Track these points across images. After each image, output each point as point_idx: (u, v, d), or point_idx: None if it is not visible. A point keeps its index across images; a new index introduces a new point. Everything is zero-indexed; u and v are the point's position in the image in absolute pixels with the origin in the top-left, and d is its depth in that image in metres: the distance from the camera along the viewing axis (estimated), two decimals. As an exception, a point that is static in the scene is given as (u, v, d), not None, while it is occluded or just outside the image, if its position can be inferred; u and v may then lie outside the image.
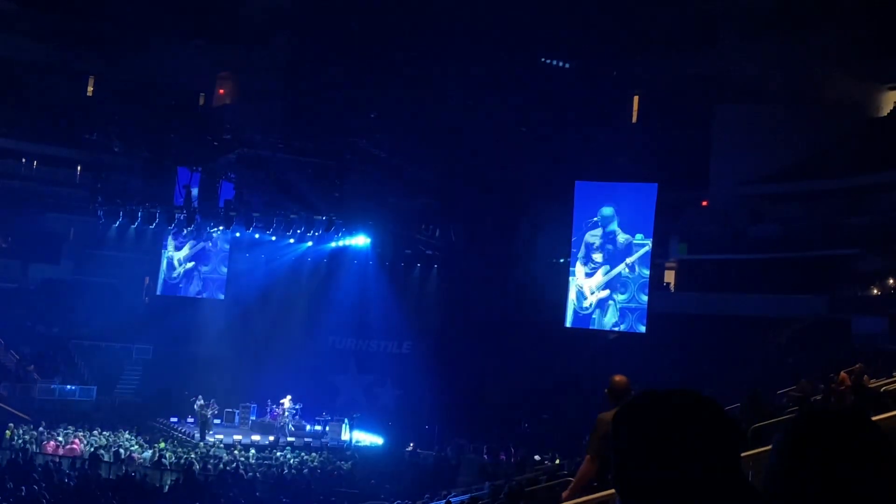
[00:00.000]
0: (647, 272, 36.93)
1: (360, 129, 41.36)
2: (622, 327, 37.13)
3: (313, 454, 30.84)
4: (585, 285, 37.91)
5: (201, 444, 31.68)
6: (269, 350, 38.25)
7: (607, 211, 37.73)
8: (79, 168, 44.94)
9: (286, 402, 34.50)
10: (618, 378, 6.72)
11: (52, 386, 37.60)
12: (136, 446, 29.95)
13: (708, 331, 35.45)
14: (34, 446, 28.94)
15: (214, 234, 40.27)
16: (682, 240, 39.72)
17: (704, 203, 40.24)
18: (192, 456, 28.60)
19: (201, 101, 47.75)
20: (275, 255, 41.80)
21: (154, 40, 41.70)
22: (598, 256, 37.63)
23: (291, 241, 39.14)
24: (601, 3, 40.61)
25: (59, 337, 40.60)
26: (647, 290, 36.79)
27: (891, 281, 34.21)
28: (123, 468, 26.33)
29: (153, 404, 36.97)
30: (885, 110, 39.83)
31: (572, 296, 37.97)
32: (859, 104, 39.31)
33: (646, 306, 36.58)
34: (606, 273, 37.42)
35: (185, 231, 37.65)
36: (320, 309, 40.08)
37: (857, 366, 18.08)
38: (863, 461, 1.65)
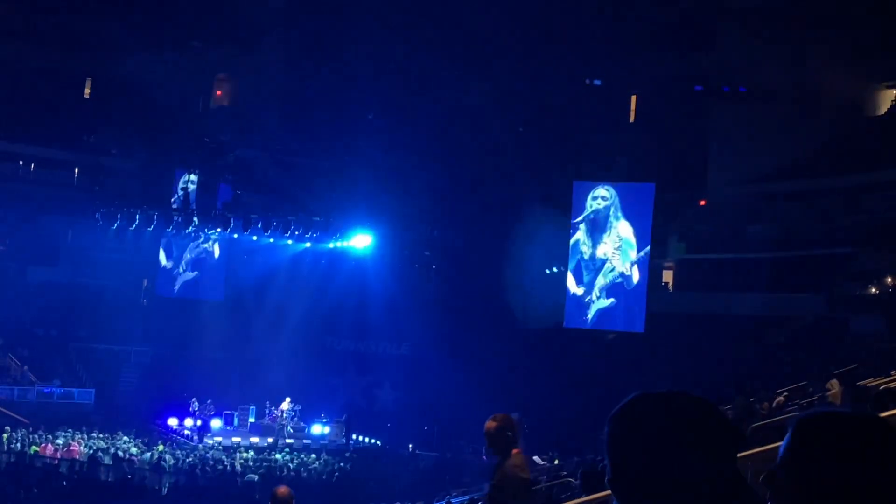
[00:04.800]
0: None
1: (358, 130, 41.40)
2: (606, 301, 36.90)
3: (312, 456, 30.85)
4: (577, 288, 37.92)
5: (200, 446, 31.68)
6: (267, 352, 38.23)
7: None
8: (76, 170, 44.87)
9: (285, 403, 34.50)
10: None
11: (51, 388, 37.57)
12: (135, 449, 29.94)
13: (706, 331, 35.46)
14: (32, 449, 28.90)
15: (212, 236, 40.26)
16: (681, 239, 39.74)
17: (702, 202, 40.25)
18: (191, 459, 28.61)
19: (198, 103, 47.70)
20: (272, 257, 41.78)
21: (151, 42, 41.67)
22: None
23: (289, 242, 39.14)
24: (599, 3, 40.63)
25: (57, 339, 40.55)
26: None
27: (889, 279, 34.22)
28: (124, 468, 26.35)
29: (152, 406, 36.93)
30: (883, 109, 39.85)
31: (570, 280, 37.91)
32: (857, 103, 39.32)
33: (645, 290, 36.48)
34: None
35: (184, 233, 37.65)
36: (318, 310, 40.05)
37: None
38: (878, 462, 1.64)
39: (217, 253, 42.60)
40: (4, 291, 39.43)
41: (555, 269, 39.69)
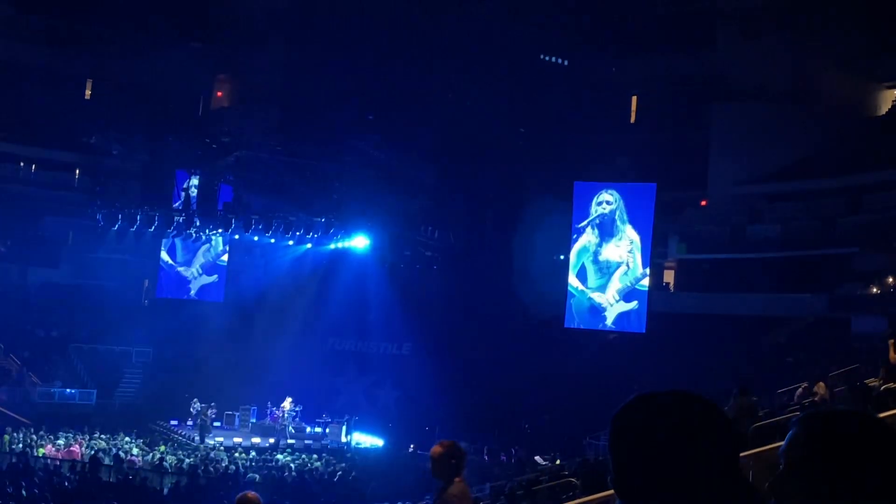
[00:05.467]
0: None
1: (358, 130, 41.38)
2: (627, 305, 36.93)
3: (314, 456, 30.86)
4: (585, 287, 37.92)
5: (201, 446, 31.68)
6: (268, 352, 38.23)
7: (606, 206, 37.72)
8: (77, 171, 44.91)
9: (286, 404, 34.51)
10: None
11: (52, 389, 37.57)
12: (137, 449, 29.95)
13: (707, 331, 35.42)
14: (33, 450, 28.91)
15: (213, 237, 40.24)
16: (681, 240, 39.70)
17: (703, 203, 40.23)
18: (193, 459, 28.60)
19: (199, 104, 47.71)
20: (274, 258, 41.78)
21: (152, 43, 41.67)
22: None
23: (290, 242, 39.14)
24: (599, 3, 40.63)
25: (58, 340, 40.55)
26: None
27: (890, 280, 34.20)
28: (125, 469, 26.36)
29: (153, 407, 36.95)
30: (884, 109, 39.85)
31: (574, 282, 37.90)
32: (857, 103, 39.31)
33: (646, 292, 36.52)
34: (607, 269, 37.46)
35: (184, 234, 37.67)
36: (320, 311, 40.06)
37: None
38: (882, 461, 1.65)
39: (218, 254, 42.63)
40: (5, 293, 39.46)
41: (562, 257, 39.55)
